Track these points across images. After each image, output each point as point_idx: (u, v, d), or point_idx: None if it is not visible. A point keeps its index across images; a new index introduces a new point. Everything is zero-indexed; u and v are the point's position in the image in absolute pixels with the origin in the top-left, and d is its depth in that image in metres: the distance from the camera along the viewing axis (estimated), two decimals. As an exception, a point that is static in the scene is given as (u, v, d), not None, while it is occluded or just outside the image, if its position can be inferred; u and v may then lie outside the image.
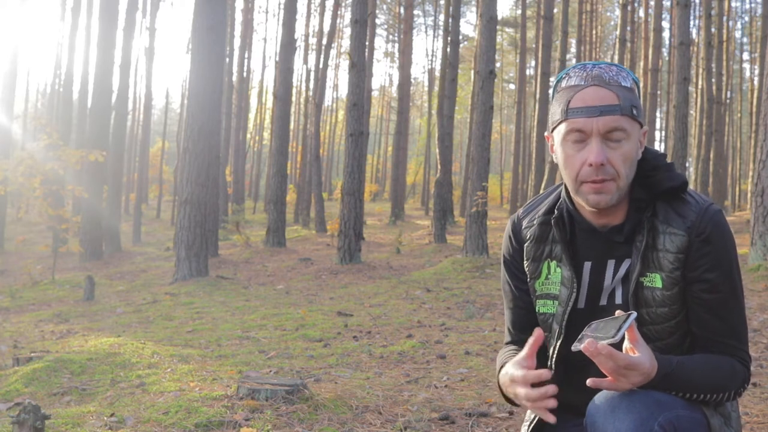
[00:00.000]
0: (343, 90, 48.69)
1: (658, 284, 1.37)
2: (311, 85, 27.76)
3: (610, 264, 1.43)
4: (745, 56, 32.72)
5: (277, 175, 14.43)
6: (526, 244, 1.51)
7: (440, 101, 18.34)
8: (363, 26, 10.53)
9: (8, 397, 3.33)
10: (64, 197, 15.66)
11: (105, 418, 2.75)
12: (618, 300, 1.43)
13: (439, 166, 16.72)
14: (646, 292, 1.38)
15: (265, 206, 21.97)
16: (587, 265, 1.45)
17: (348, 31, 20.13)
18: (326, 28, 23.62)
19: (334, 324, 5.48)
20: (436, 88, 23.60)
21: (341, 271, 9.44)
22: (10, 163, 11.23)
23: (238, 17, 27.84)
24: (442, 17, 31.66)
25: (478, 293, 7.14)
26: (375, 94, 44.19)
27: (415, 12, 36.09)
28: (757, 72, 27.68)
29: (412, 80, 39.70)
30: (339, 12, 28.01)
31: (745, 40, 32.45)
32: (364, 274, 9.21)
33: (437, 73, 28.67)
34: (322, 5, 27.31)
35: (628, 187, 1.38)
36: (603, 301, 1.44)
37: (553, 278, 1.47)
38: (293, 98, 23.09)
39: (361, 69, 10.40)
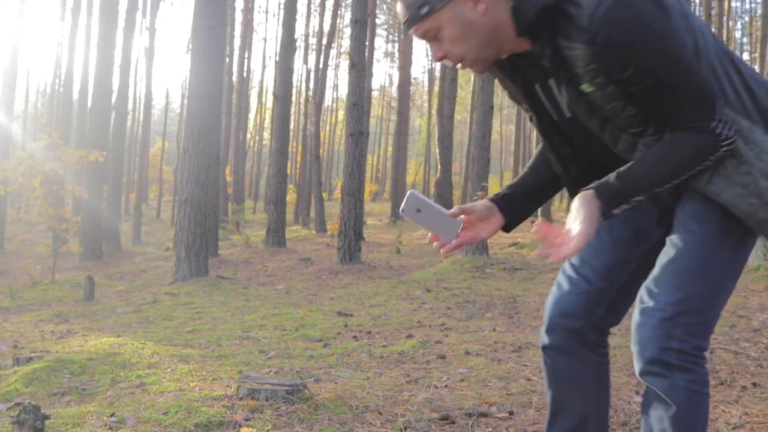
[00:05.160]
0: (343, 90, 48.74)
1: (590, 89, 1.40)
2: (311, 85, 27.73)
3: (552, 84, 1.53)
4: (746, 56, 32.73)
5: (277, 175, 14.43)
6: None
7: (440, 101, 18.35)
8: (363, 26, 10.53)
9: (8, 397, 3.33)
10: (64, 197, 15.65)
11: (105, 418, 2.75)
12: (566, 109, 1.54)
13: (439, 166, 16.72)
14: (587, 98, 1.44)
15: (265, 206, 21.97)
16: (537, 86, 1.58)
17: (348, 31, 20.12)
18: (326, 28, 23.62)
19: (334, 324, 5.48)
20: (436, 88, 23.61)
21: (341, 271, 9.44)
22: (10, 163, 11.21)
23: (238, 17, 27.85)
24: (442, 17, 31.61)
25: (478, 293, 7.14)
26: (375, 94, 44.21)
27: (415, 12, 36.02)
28: (757, 72, 27.66)
29: (412, 80, 39.70)
30: (339, 12, 28.01)
31: (745, 40, 32.52)
32: (364, 274, 9.20)
33: (437, 73, 28.67)
34: (322, 5, 27.29)
35: (512, 38, 1.43)
36: (568, 114, 1.56)
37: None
38: (293, 98, 23.07)
39: (361, 69, 10.40)
